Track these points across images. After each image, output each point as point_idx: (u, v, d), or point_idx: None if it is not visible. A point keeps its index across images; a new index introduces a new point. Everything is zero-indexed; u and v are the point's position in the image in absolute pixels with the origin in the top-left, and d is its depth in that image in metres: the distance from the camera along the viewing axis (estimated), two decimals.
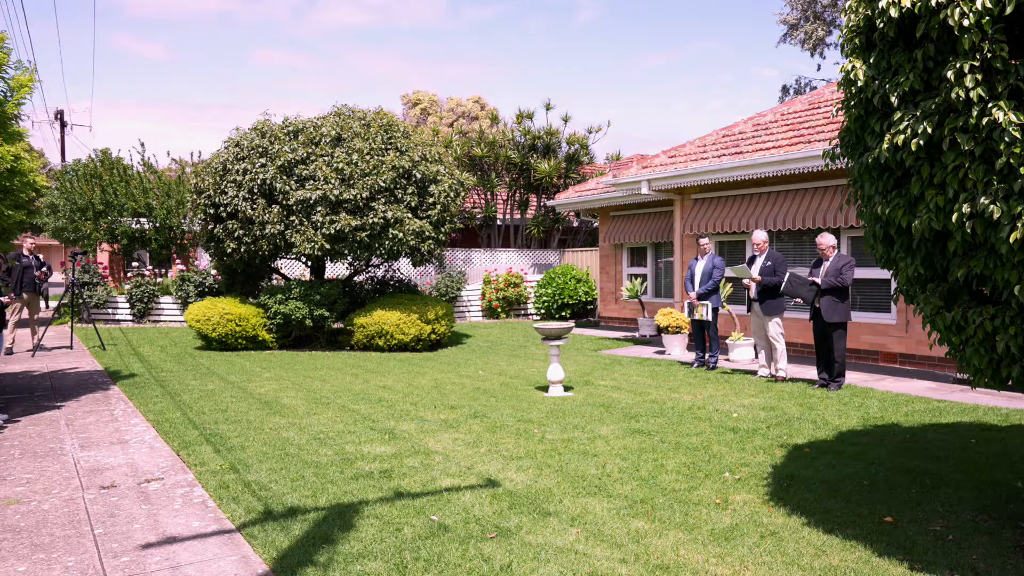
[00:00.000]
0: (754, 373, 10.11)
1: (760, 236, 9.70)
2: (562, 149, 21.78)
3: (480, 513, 4.68)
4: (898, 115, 3.33)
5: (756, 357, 11.50)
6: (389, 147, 13.15)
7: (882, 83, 3.45)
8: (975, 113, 3.05)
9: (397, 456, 6.04)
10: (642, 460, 5.88)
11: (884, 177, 3.64)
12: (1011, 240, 2.96)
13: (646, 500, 4.92)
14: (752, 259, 9.82)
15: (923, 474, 5.46)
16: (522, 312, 20.14)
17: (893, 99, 3.36)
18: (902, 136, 3.28)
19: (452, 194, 13.47)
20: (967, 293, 3.57)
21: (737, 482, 5.33)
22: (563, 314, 19.03)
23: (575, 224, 23.05)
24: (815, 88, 26.12)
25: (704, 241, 10.73)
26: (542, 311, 19.40)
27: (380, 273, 15.66)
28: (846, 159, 4.32)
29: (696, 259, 10.80)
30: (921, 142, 3.25)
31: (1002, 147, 2.99)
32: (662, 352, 12.72)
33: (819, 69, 37.09)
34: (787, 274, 8.96)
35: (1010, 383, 3.63)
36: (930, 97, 3.28)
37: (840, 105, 4.10)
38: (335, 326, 13.96)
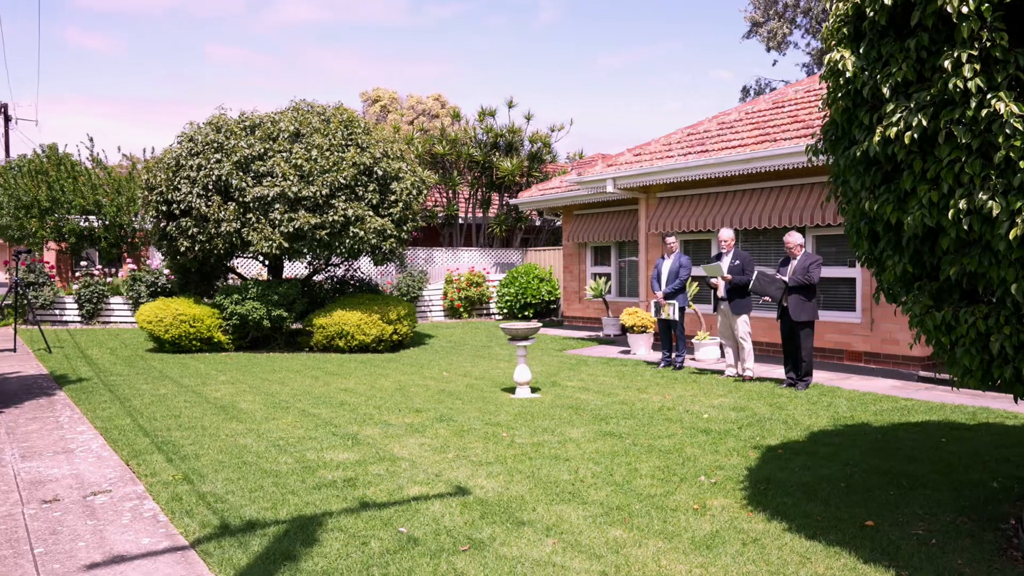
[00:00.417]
0: (721, 373, 10.05)
1: (727, 234, 9.63)
2: (524, 147, 21.62)
3: (451, 524, 4.46)
4: (890, 107, 3.20)
5: (722, 356, 11.47)
6: (350, 143, 12.83)
7: (872, 74, 3.33)
8: (973, 104, 2.93)
9: (361, 463, 5.78)
10: (615, 464, 5.72)
11: (872, 172, 3.52)
12: (1011, 237, 2.84)
13: (622, 507, 4.75)
14: (719, 257, 9.75)
15: (899, 475, 5.39)
16: (484, 312, 19.93)
17: (885, 90, 3.23)
18: (895, 129, 3.15)
19: (414, 192, 13.20)
20: (958, 292, 3.46)
21: (713, 486, 5.20)
22: (526, 314, 18.86)
23: (537, 223, 22.91)
24: (775, 88, 26.39)
25: (671, 240, 10.64)
26: (505, 311, 19.21)
27: (340, 272, 15.32)
28: (827, 155, 4.19)
29: (663, 258, 10.71)
30: (915, 135, 3.12)
31: (1001, 140, 2.87)
32: (627, 352, 12.62)
33: (775, 64, 37.87)
34: (755, 272, 8.90)
35: (999, 384, 3.53)
36: (924, 88, 3.15)
37: (803, 102, 3.97)
38: (294, 327, 13.59)
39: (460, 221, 22.14)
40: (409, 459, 5.89)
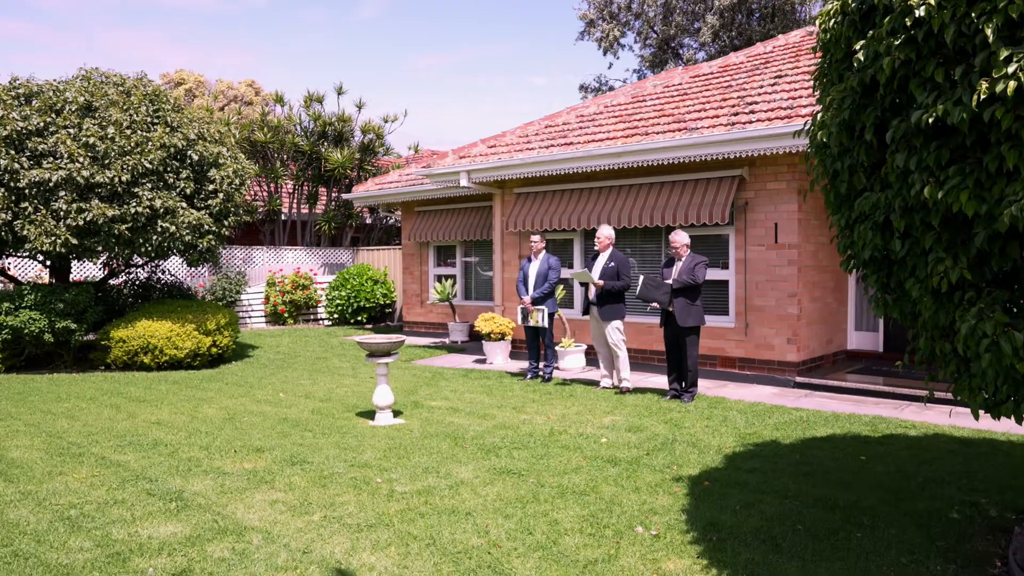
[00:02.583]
0: (595, 384, 9.24)
1: (604, 232, 8.83)
2: (356, 138, 19.97)
3: None
4: (1003, 53, 2.33)
5: (587, 365, 10.71)
6: (156, 121, 10.76)
7: (958, 13, 2.46)
8: None
9: (194, 540, 4.24)
10: (529, 516, 4.60)
11: (934, 147, 2.65)
12: None
13: None
14: (595, 257, 8.95)
15: (849, 509, 4.70)
16: (312, 317, 18.12)
17: (988, 32, 2.36)
18: (1012, 83, 2.28)
19: (237, 181, 11.35)
20: None
21: (656, 540, 4.22)
22: (359, 319, 17.31)
23: (369, 221, 21.34)
24: (612, 88, 26.48)
25: (536, 239, 9.70)
26: (335, 315, 17.54)
27: (144, 275, 13.03)
28: (820, 133, 3.31)
29: (529, 259, 9.74)
30: None
31: None
32: (483, 361, 11.57)
33: (610, 67, 38.71)
34: (641, 279, 8.15)
35: None
36: None
37: (664, 96, 3.06)
38: (86, 340, 11.27)
39: (283, 217, 20.08)
40: (261, 528, 4.42)
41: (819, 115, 3.93)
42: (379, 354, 7.27)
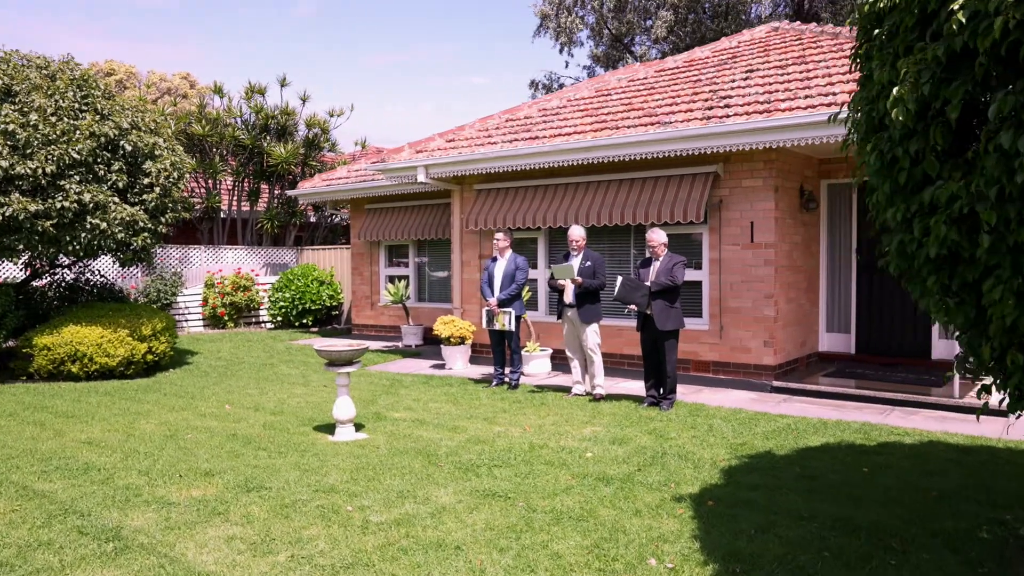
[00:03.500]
0: (567, 391, 8.76)
1: (578, 232, 8.37)
2: (300, 132, 19.09)
3: None
4: None
5: (552, 370, 10.24)
6: (86, 108, 9.85)
7: None
8: None
9: None
10: (526, 548, 4.07)
11: None
12: None
13: None
14: (567, 257, 8.48)
15: (872, 531, 4.31)
16: (254, 320, 17.21)
17: None
18: None
19: (175, 174, 10.50)
20: None
21: (673, 574, 3.75)
22: (304, 321, 16.50)
23: (313, 219, 20.47)
24: (563, 85, 26.09)
25: (500, 236, 9.17)
26: (279, 318, 16.69)
27: (71, 276, 12.03)
28: (895, 111, 2.86)
29: (494, 259, 9.21)
30: None
31: None
32: (442, 366, 10.98)
33: (566, 66, 38.70)
34: (619, 279, 7.70)
35: None
36: None
37: (631, 90, 2.62)
38: (6, 347, 10.27)
39: (223, 215, 19.06)
40: (218, 574, 3.78)
41: (857, 96, 3.51)
42: (340, 363, 6.64)
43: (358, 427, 6.97)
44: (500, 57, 67.55)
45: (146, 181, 10.14)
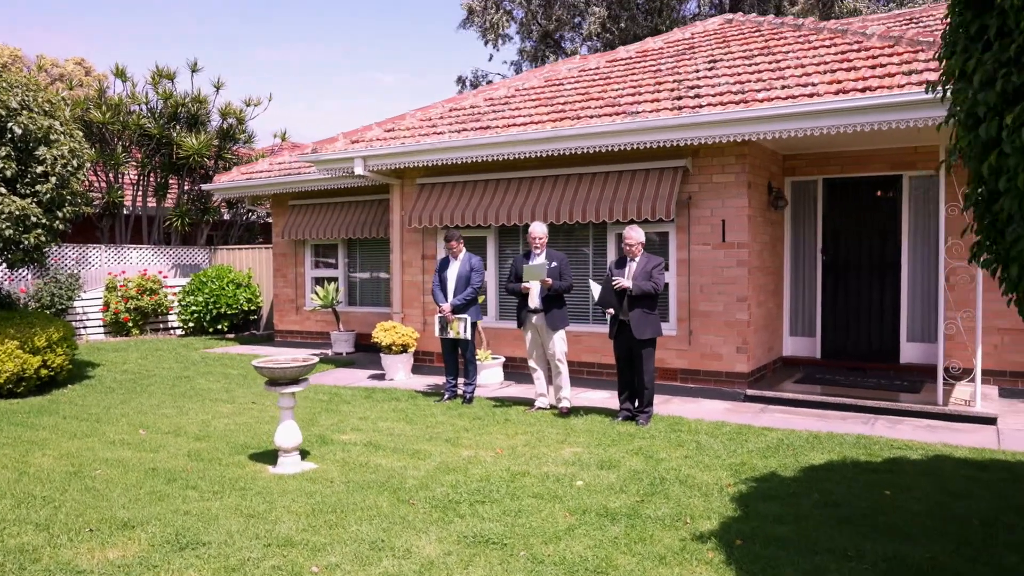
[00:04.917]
0: (528, 404, 8.00)
1: (540, 229, 7.63)
2: (214, 122, 17.64)
3: None
4: None
5: (505, 379, 9.46)
6: None
7: None
8: None
9: None
10: None
11: None
12: None
13: None
14: (527, 256, 7.73)
15: (934, 572, 3.73)
16: (162, 326, 15.73)
17: None
18: None
19: (74, 163, 9.19)
20: None
21: None
22: (219, 327, 15.17)
23: (227, 217, 19.01)
24: (491, 82, 25.28)
25: (454, 235, 8.33)
26: (191, 324, 15.29)
27: None
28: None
29: (447, 260, 8.36)
30: None
31: None
32: (381, 377, 10.03)
33: (491, 60, 38.15)
34: (594, 285, 7.01)
35: None
36: None
37: (585, 79, 2.01)
38: None
39: (126, 211, 17.40)
40: None
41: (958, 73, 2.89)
42: (283, 382, 5.66)
43: (303, 454, 6.00)
44: (410, 55, 66.35)
45: (39, 170, 8.81)
